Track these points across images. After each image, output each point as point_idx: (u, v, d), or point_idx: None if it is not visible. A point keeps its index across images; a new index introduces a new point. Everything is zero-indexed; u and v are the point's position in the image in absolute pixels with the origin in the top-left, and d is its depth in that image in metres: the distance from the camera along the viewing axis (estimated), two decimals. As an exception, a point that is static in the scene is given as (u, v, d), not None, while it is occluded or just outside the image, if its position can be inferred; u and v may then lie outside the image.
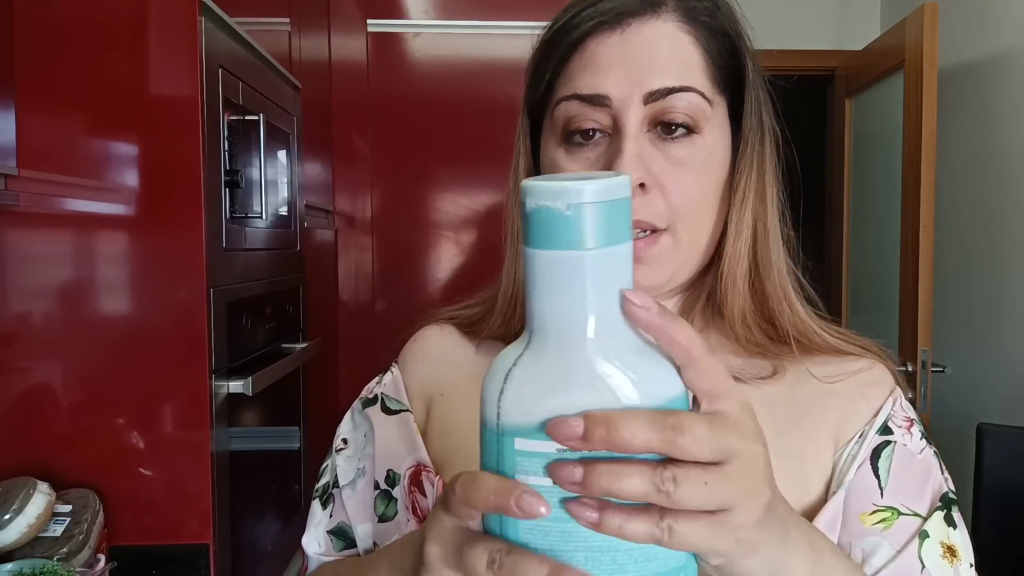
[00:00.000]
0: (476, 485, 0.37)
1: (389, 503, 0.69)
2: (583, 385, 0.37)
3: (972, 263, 2.53)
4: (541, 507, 0.35)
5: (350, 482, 0.72)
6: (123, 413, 1.24)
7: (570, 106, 0.60)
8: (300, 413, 1.83)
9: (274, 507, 1.64)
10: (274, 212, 1.63)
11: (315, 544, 0.73)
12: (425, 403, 0.72)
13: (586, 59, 0.59)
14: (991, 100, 2.43)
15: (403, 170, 2.45)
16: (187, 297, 1.23)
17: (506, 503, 0.36)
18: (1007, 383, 2.34)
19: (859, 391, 0.63)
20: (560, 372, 0.37)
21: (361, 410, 0.75)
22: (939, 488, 0.61)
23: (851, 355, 0.64)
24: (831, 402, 0.62)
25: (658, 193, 0.58)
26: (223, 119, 1.30)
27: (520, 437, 0.37)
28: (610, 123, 0.59)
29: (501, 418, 0.37)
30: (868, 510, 0.59)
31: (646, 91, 0.58)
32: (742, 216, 0.62)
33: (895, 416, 0.62)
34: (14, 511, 1.07)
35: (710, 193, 0.61)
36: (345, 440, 0.75)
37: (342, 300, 2.46)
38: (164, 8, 1.21)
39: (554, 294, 0.38)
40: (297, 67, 1.95)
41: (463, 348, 0.72)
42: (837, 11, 3.13)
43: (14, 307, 1.22)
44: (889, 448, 0.61)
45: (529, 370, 0.38)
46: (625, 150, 0.57)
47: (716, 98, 0.61)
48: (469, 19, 2.40)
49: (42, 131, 1.20)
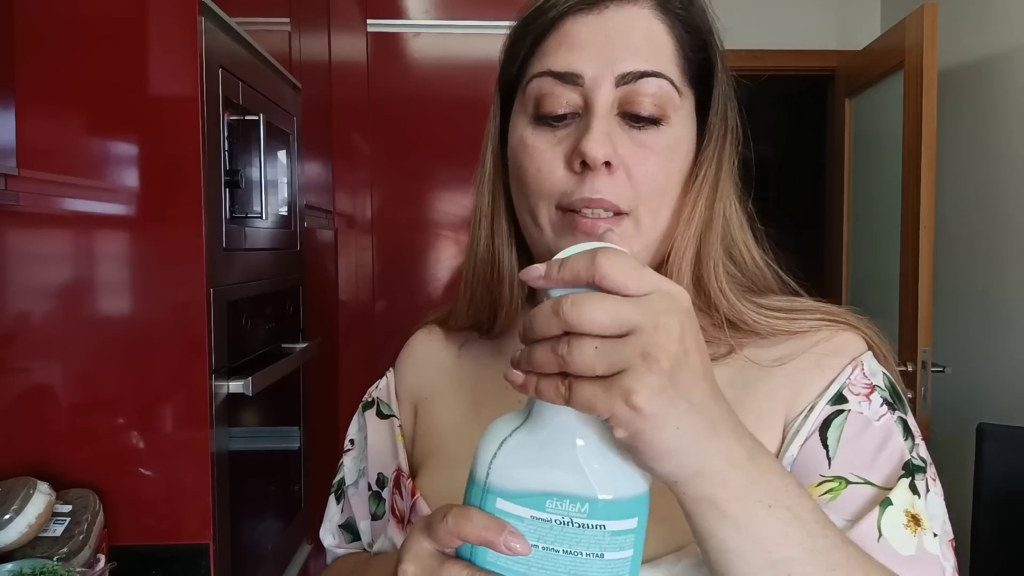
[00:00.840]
0: (470, 520, 0.43)
1: (379, 503, 0.74)
2: (565, 468, 0.43)
3: (972, 263, 2.53)
4: (525, 547, 0.42)
5: (354, 482, 0.77)
6: (123, 413, 1.24)
7: (543, 82, 0.60)
8: (300, 413, 1.83)
9: (274, 507, 1.64)
10: (274, 212, 1.63)
11: (330, 536, 0.80)
12: (412, 407, 0.75)
13: (561, 37, 0.60)
14: (991, 100, 2.43)
15: (403, 170, 2.45)
16: (187, 297, 1.23)
17: (495, 540, 0.42)
18: (1007, 383, 2.34)
19: (814, 362, 0.62)
20: (547, 452, 0.44)
21: (362, 413, 0.79)
22: (901, 455, 0.58)
23: (801, 332, 0.63)
24: (781, 378, 0.61)
25: (623, 174, 0.59)
26: (223, 119, 1.30)
27: (502, 499, 0.43)
28: (581, 102, 0.60)
29: (489, 478, 0.44)
30: (815, 482, 0.57)
31: (619, 72, 0.58)
32: (695, 207, 0.62)
33: (853, 384, 0.61)
34: (14, 511, 1.07)
35: (673, 180, 0.61)
36: (352, 441, 0.80)
37: (342, 300, 2.46)
38: (164, 8, 1.21)
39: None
40: (297, 67, 1.95)
41: (447, 351, 0.75)
42: (837, 11, 3.13)
43: (14, 307, 1.22)
44: (841, 417, 0.59)
45: (522, 445, 0.44)
46: (593, 128, 0.58)
47: (685, 89, 0.61)
48: (469, 19, 2.40)
49: (42, 131, 1.20)
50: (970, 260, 2.54)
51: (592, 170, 0.58)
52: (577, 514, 0.42)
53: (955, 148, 2.57)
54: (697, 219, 0.62)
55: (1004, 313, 2.36)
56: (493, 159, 0.68)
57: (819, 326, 0.63)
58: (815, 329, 0.63)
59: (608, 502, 0.42)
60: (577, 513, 0.42)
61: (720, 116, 0.63)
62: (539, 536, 0.43)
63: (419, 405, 0.74)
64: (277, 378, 1.50)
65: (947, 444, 2.36)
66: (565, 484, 0.43)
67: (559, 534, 0.42)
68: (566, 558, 0.42)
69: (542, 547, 0.43)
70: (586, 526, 0.42)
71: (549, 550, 0.42)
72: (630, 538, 0.43)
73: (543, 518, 0.43)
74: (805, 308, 0.65)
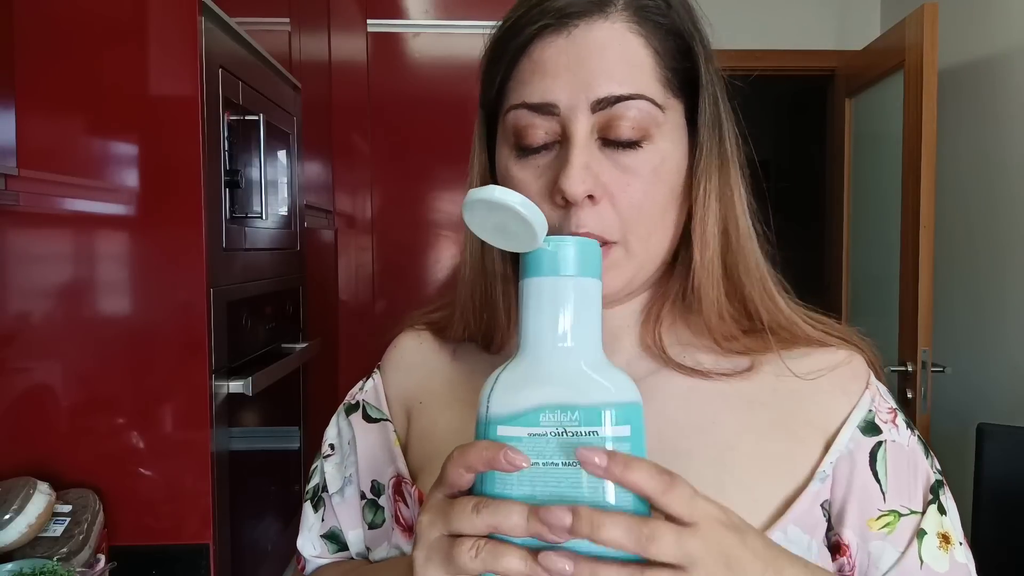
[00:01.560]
0: (473, 447, 0.44)
1: (377, 511, 0.70)
2: (554, 382, 0.45)
3: (972, 263, 2.53)
4: (524, 459, 0.43)
5: (339, 490, 0.73)
6: (123, 413, 1.24)
7: (519, 115, 0.59)
8: (300, 413, 1.83)
9: (274, 507, 1.64)
10: (274, 212, 1.63)
11: (310, 547, 0.75)
12: (405, 411, 0.72)
13: (533, 63, 0.58)
14: (991, 100, 2.43)
15: (403, 170, 2.45)
16: (187, 297, 1.23)
17: (496, 457, 0.43)
18: (1007, 383, 2.34)
19: (841, 387, 0.63)
20: (536, 372, 0.46)
21: (345, 416, 0.76)
22: (928, 478, 0.62)
23: (830, 346, 0.64)
24: (814, 399, 0.62)
25: (608, 204, 0.57)
26: (223, 119, 1.30)
27: (501, 424, 0.45)
28: (559, 130, 0.58)
29: (489, 411, 0.46)
30: (874, 515, 0.60)
31: (593, 99, 0.56)
32: (706, 223, 0.60)
33: (879, 411, 0.62)
34: (14, 511, 1.07)
35: (662, 200, 0.59)
36: (332, 446, 0.76)
37: (342, 300, 2.46)
38: (164, 8, 1.21)
39: (536, 311, 0.48)
40: (297, 67, 1.95)
41: (440, 354, 0.72)
42: (837, 11, 3.13)
43: (14, 307, 1.22)
44: (882, 449, 0.61)
45: (513, 372, 0.47)
46: (572, 162, 0.56)
47: (669, 102, 0.59)
48: (469, 19, 2.40)
49: (42, 131, 1.20)
50: (970, 260, 2.54)
51: (574, 204, 0.57)
52: (570, 423, 0.44)
53: (955, 148, 2.57)
54: (712, 239, 0.61)
55: (1004, 313, 2.36)
56: (480, 177, 0.67)
57: (840, 343, 0.64)
58: (838, 346, 0.64)
59: (598, 406, 0.44)
60: (570, 422, 0.44)
61: (710, 124, 0.61)
62: (538, 452, 0.44)
63: (412, 409, 0.72)
64: (277, 378, 1.50)
65: (947, 444, 2.36)
66: (555, 395, 0.45)
67: (557, 447, 0.44)
68: (567, 471, 0.43)
69: (542, 463, 0.44)
70: (580, 434, 0.44)
71: (550, 464, 0.44)
72: (626, 446, 0.44)
73: (539, 433, 0.44)
74: (827, 322, 0.65)
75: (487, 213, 0.47)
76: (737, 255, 0.62)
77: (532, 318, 0.48)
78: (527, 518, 0.42)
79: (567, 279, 0.47)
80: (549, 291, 0.47)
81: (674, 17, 0.59)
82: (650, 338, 0.64)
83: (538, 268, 0.48)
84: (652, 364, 0.64)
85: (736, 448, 0.60)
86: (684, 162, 0.61)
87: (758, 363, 0.62)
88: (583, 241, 0.48)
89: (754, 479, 0.59)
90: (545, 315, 0.47)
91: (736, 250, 0.62)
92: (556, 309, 0.47)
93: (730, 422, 0.61)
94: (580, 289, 0.48)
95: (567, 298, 0.47)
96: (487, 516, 0.43)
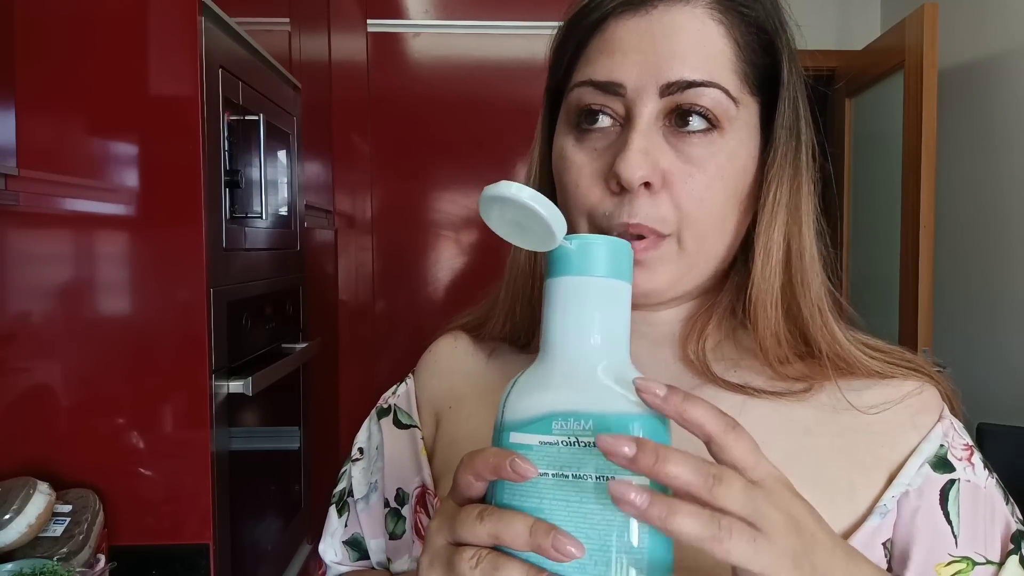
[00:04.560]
0: (481, 454, 0.42)
1: (398, 521, 0.68)
2: (567, 388, 0.43)
3: (972, 263, 2.53)
4: (531, 469, 0.40)
5: (364, 496, 0.71)
6: (123, 413, 1.24)
7: (583, 92, 0.56)
8: (300, 413, 1.83)
9: (274, 507, 1.64)
10: (274, 212, 1.63)
11: (331, 552, 0.73)
12: (434, 417, 0.69)
13: (604, 42, 0.55)
14: (991, 100, 2.43)
15: (403, 170, 2.45)
16: (187, 297, 1.23)
17: (502, 465, 0.40)
18: (1007, 383, 2.34)
19: (909, 420, 0.57)
20: (551, 376, 0.44)
21: (376, 420, 0.73)
22: (1008, 525, 0.56)
23: (894, 377, 0.58)
24: (879, 429, 0.57)
25: (665, 195, 0.54)
26: (223, 119, 1.30)
27: (514, 431, 0.43)
28: (623, 112, 0.55)
29: (504, 417, 0.43)
30: (943, 560, 0.54)
31: (663, 82, 0.53)
32: (771, 234, 0.56)
33: (953, 446, 0.57)
34: (14, 511, 1.07)
35: (724, 200, 0.55)
36: (361, 450, 0.73)
37: (342, 300, 2.46)
38: (164, 8, 1.21)
39: (556, 313, 0.45)
40: (297, 67, 1.95)
41: (474, 358, 0.69)
42: (837, 11, 3.13)
43: (14, 307, 1.22)
44: (955, 488, 0.55)
45: (531, 376, 0.45)
46: (631, 145, 0.52)
47: (744, 98, 0.55)
48: (469, 19, 2.40)
49: (42, 131, 1.20)
50: (970, 260, 2.54)
51: (629, 192, 0.53)
52: (582, 432, 0.41)
53: (955, 148, 2.57)
54: (777, 251, 0.56)
55: (1004, 313, 2.36)
56: (539, 166, 0.64)
57: (907, 374, 0.59)
58: (904, 376, 0.58)
59: (613, 415, 0.41)
60: (582, 431, 0.41)
61: (787, 128, 0.56)
62: (548, 462, 0.41)
63: (441, 414, 0.69)
64: (277, 378, 1.50)
65: (947, 444, 2.36)
66: (569, 401, 0.42)
67: (567, 457, 0.41)
68: (576, 483, 0.40)
69: (552, 474, 0.41)
70: (592, 444, 0.40)
71: (559, 476, 0.41)
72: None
73: (550, 441, 0.41)
74: (892, 351, 0.60)
75: (503, 210, 0.44)
76: (798, 275, 0.57)
77: (552, 320, 0.45)
78: (530, 530, 0.39)
79: (590, 279, 0.44)
80: (570, 292, 0.44)
81: (759, 10, 0.56)
82: (693, 351, 0.59)
83: (560, 267, 0.45)
84: (694, 379, 0.59)
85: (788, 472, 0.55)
86: (752, 165, 0.56)
87: (816, 389, 0.57)
88: (612, 240, 0.45)
89: None
90: (564, 317, 0.44)
91: (798, 269, 0.57)
92: (577, 311, 0.44)
93: (783, 446, 0.55)
94: (605, 291, 0.44)
95: (589, 300, 0.44)
96: (489, 525, 0.40)
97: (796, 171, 0.57)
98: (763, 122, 0.57)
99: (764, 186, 0.56)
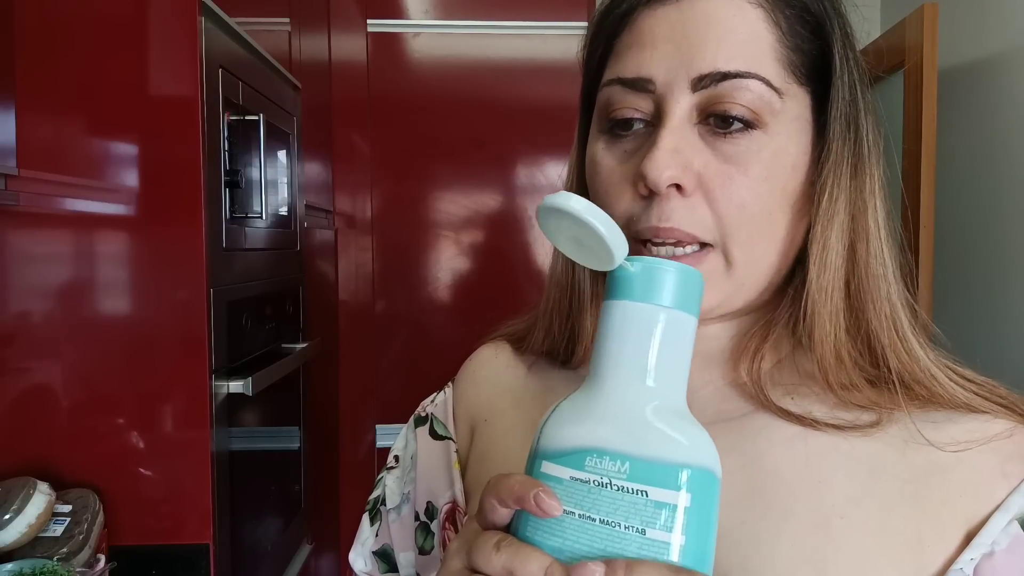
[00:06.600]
0: (506, 480, 0.39)
1: (427, 536, 0.65)
2: (608, 423, 0.39)
3: (972, 263, 2.53)
4: (555, 507, 0.37)
5: (396, 506, 0.68)
6: (123, 413, 1.24)
7: (612, 91, 0.51)
8: (300, 413, 1.83)
9: (274, 507, 1.64)
10: (274, 212, 1.63)
11: (361, 561, 0.70)
12: (470, 429, 0.66)
13: (634, 35, 0.51)
14: (991, 100, 2.43)
15: (403, 170, 2.45)
16: (187, 297, 1.23)
17: (525, 495, 0.37)
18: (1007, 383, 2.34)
19: (999, 468, 0.48)
20: (594, 408, 0.40)
21: (413, 428, 0.70)
22: None
23: (983, 412, 0.50)
24: (960, 476, 0.48)
25: (701, 198, 0.49)
26: (223, 119, 1.30)
27: (547, 460, 0.39)
28: (653, 110, 0.50)
29: (539, 443, 0.40)
30: None
31: (695, 75, 0.48)
32: (828, 238, 0.50)
33: None
34: (14, 511, 1.07)
35: (771, 202, 0.49)
36: (396, 458, 0.70)
37: (342, 300, 2.46)
38: (164, 8, 1.21)
39: (611, 340, 0.40)
40: (297, 67, 1.95)
41: (514, 369, 0.65)
42: (837, 11, 3.13)
43: (14, 307, 1.22)
44: None
45: (573, 403, 0.41)
46: (659, 144, 0.48)
47: (791, 88, 0.50)
48: (469, 19, 2.40)
49: (42, 131, 1.20)
50: (970, 260, 2.54)
51: (659, 194, 0.48)
52: (616, 474, 0.37)
53: (955, 148, 2.57)
54: (836, 257, 0.50)
55: (1004, 313, 2.36)
56: (576, 173, 0.59)
57: (998, 411, 0.50)
58: (995, 414, 0.50)
59: (652, 462, 0.37)
60: (616, 473, 0.37)
61: (843, 119, 0.51)
62: (577, 501, 0.37)
63: (477, 427, 0.65)
64: (277, 378, 1.50)
65: (947, 444, 2.36)
66: (607, 438, 0.38)
67: (597, 499, 0.37)
68: (603, 529, 0.37)
69: (578, 515, 0.37)
70: (625, 490, 0.37)
71: (586, 518, 0.37)
72: (679, 518, 0.36)
73: (582, 478, 0.38)
74: (983, 383, 0.52)
75: (560, 222, 0.40)
76: (864, 282, 0.51)
77: (604, 346, 0.41)
78: (545, 572, 0.36)
79: (654, 308, 0.40)
80: (628, 319, 0.40)
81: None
82: (747, 372, 0.53)
83: (619, 290, 0.40)
84: (745, 404, 0.53)
85: (848, 517, 0.48)
86: (804, 161, 0.51)
87: (886, 420, 0.50)
88: (682, 268, 0.40)
89: (864, 558, 0.46)
90: (619, 346, 0.40)
91: (863, 276, 0.51)
92: (635, 342, 0.40)
93: (844, 485, 0.48)
94: (669, 323, 0.40)
95: (649, 331, 0.40)
96: (505, 558, 0.37)
97: (857, 168, 0.52)
98: (816, 115, 0.51)
99: (819, 185, 0.50)
